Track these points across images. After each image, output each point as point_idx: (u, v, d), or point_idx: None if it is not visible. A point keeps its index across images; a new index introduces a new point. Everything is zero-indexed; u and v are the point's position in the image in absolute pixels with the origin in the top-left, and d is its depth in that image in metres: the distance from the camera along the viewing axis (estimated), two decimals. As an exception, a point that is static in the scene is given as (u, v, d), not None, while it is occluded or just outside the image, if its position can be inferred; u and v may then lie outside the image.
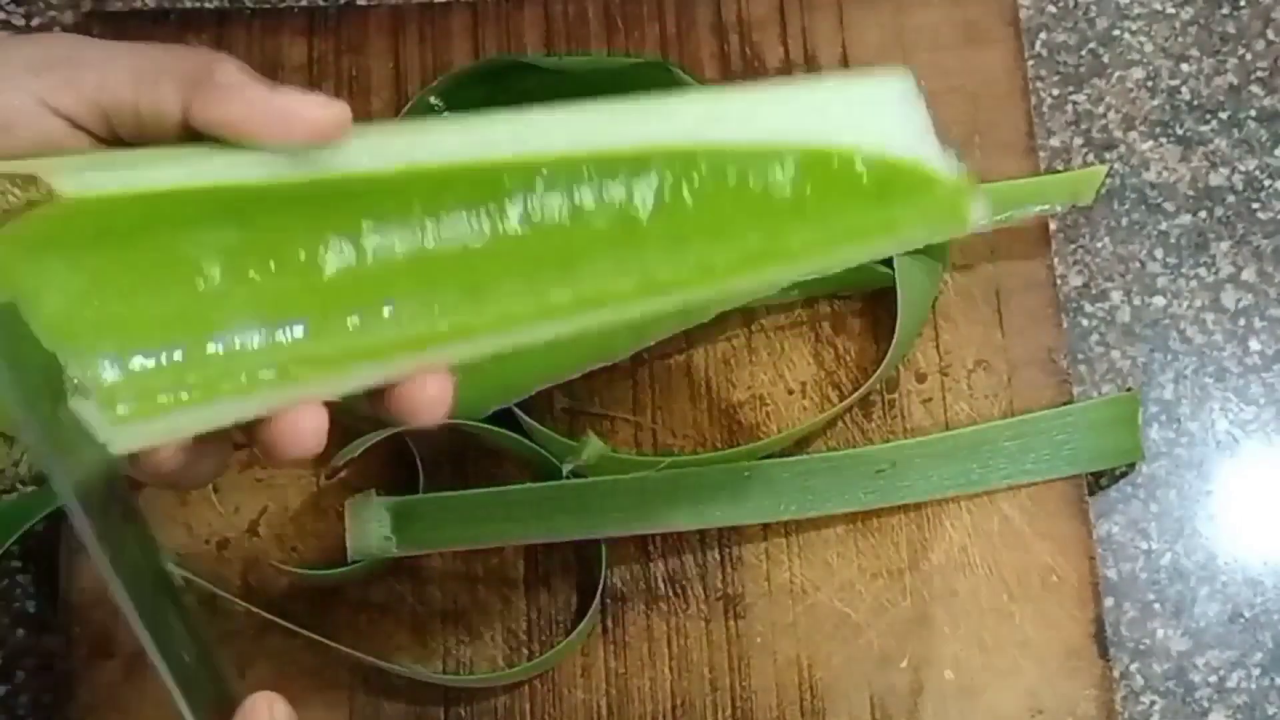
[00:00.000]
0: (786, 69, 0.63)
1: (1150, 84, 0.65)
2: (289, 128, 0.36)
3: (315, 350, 0.37)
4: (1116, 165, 0.64)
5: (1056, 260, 0.62)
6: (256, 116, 0.35)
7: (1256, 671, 0.58)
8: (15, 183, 0.35)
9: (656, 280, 0.40)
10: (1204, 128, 0.64)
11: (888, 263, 0.58)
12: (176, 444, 0.37)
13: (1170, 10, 0.65)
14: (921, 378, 0.60)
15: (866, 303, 0.60)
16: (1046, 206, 0.59)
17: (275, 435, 0.37)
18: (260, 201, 0.37)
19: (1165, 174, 0.64)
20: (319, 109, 0.36)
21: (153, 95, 0.36)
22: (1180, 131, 0.64)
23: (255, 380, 0.36)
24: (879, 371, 0.58)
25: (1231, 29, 0.65)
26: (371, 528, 0.56)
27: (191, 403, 0.36)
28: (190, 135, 0.37)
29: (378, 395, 0.38)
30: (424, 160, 0.38)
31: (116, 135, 0.37)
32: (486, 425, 0.56)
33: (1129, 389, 0.61)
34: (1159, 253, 0.63)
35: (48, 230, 0.35)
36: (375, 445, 0.56)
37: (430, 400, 0.39)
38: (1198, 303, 0.62)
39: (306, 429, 0.37)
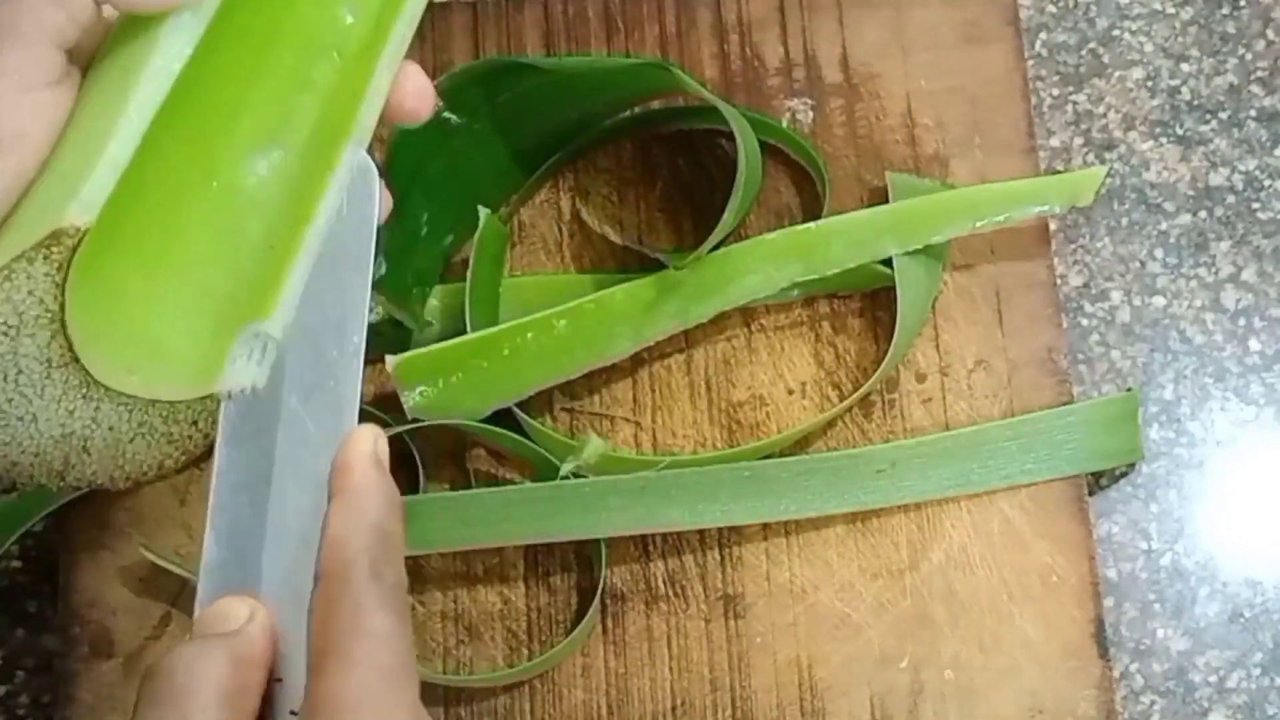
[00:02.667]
0: (786, 69, 0.63)
1: (1150, 84, 0.65)
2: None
3: None
4: (1116, 165, 0.64)
5: (1057, 260, 0.62)
6: None
7: (1256, 671, 0.58)
8: (53, 247, 0.38)
9: None
10: (1204, 128, 0.64)
11: (887, 262, 0.58)
12: None
13: (1170, 10, 0.65)
14: (921, 378, 0.60)
15: (866, 302, 0.60)
16: (1045, 207, 0.59)
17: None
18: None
19: (1165, 174, 0.64)
20: None
21: None
22: (1180, 131, 0.64)
23: None
24: (879, 372, 0.58)
25: (1231, 29, 0.65)
26: (371, 528, 0.56)
27: None
28: None
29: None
30: None
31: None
32: (486, 425, 0.56)
33: (1129, 389, 0.61)
34: (1159, 253, 0.63)
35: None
36: (375, 445, 0.56)
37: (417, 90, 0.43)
38: (1198, 303, 0.62)
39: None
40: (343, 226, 0.41)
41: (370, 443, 0.39)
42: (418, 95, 0.43)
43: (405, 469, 0.58)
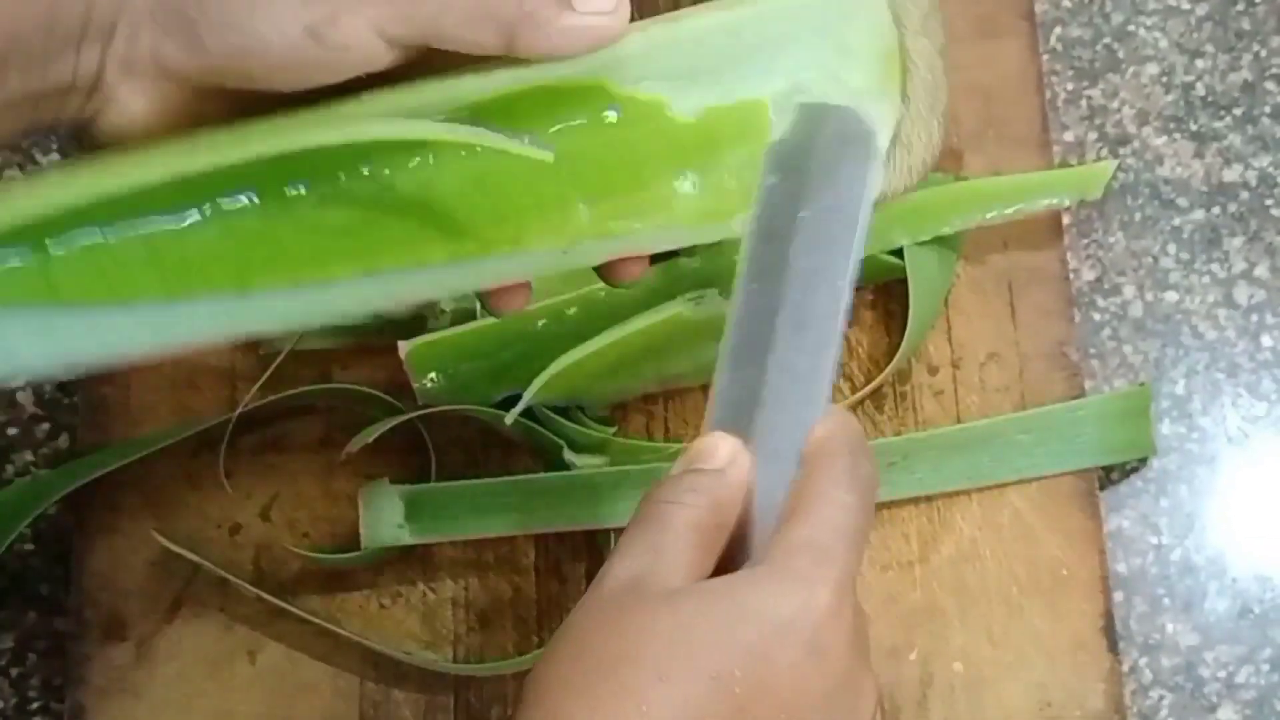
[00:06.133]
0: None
1: (1165, 79, 0.65)
2: (590, 40, 0.41)
3: None
4: (1130, 160, 0.64)
5: (1069, 254, 0.62)
6: (568, 43, 0.41)
7: (1265, 667, 0.58)
8: None
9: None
10: (1218, 124, 0.64)
11: (900, 254, 0.58)
12: None
13: (1185, 6, 0.65)
14: (933, 370, 0.60)
15: (879, 295, 0.60)
16: (1054, 200, 0.59)
17: None
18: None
19: (1179, 169, 0.64)
20: (608, 17, 0.41)
21: (477, 35, 0.40)
22: (1194, 127, 0.64)
23: None
24: (892, 364, 0.58)
25: (1246, 25, 0.65)
26: (385, 515, 0.56)
27: None
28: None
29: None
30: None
31: (420, 54, 0.41)
32: (497, 410, 0.56)
33: (1141, 383, 0.61)
34: (1172, 248, 0.63)
35: None
36: (388, 433, 0.56)
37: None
38: (1210, 298, 0.62)
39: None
40: None
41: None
42: None
43: (417, 456, 0.58)
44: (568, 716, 0.36)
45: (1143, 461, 0.60)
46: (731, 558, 0.39)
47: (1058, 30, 0.65)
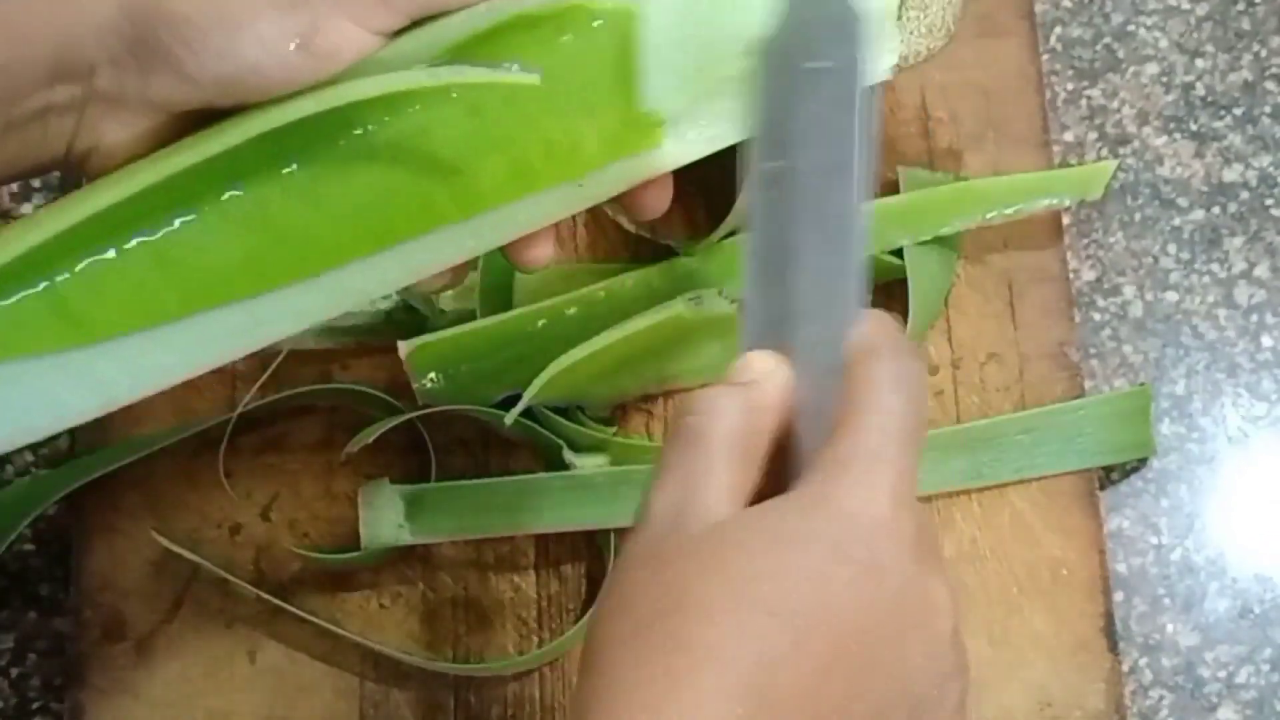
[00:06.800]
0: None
1: (1165, 79, 0.65)
2: None
3: None
4: (1130, 160, 0.64)
5: (1069, 254, 0.62)
6: None
7: (1266, 667, 0.58)
8: None
9: None
10: (1218, 123, 0.64)
11: (899, 254, 0.58)
12: None
13: (1185, 6, 0.65)
14: (933, 370, 0.60)
15: (880, 295, 0.60)
16: (1054, 200, 0.59)
17: None
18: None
19: (1179, 169, 0.64)
20: None
21: None
22: (1194, 127, 0.64)
23: None
24: (891, 363, 0.58)
25: (1246, 25, 0.65)
26: (385, 515, 0.56)
27: None
28: None
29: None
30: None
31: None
32: (497, 410, 0.56)
33: (1141, 384, 0.61)
34: (1172, 248, 0.63)
35: None
36: (388, 433, 0.56)
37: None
38: (1210, 298, 0.62)
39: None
40: None
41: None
42: None
43: (417, 456, 0.58)
44: (617, 674, 0.33)
45: (1143, 461, 0.60)
46: (780, 481, 0.37)
47: (1058, 30, 0.65)
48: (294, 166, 0.41)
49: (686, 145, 0.44)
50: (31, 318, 0.39)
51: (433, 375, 0.56)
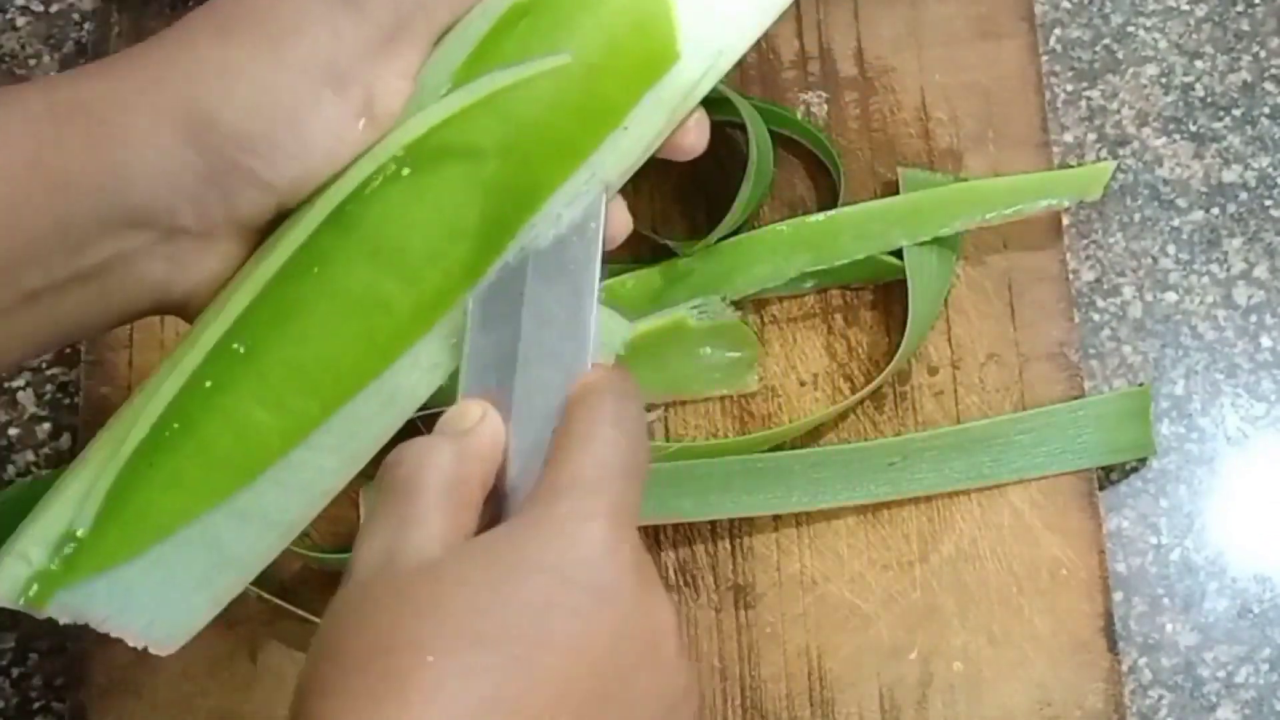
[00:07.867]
0: (801, 62, 0.63)
1: (1164, 80, 0.65)
2: None
3: None
4: (1130, 161, 0.64)
5: (1069, 255, 0.62)
6: None
7: (1265, 667, 0.58)
8: None
9: None
10: (1217, 124, 0.64)
11: (900, 255, 0.58)
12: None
13: (1185, 7, 0.66)
14: (933, 371, 0.60)
15: (879, 295, 0.60)
16: (1054, 201, 0.59)
17: None
18: None
19: (1178, 170, 0.64)
20: None
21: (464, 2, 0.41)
22: (1193, 128, 0.64)
23: None
24: (891, 365, 0.58)
25: (1245, 26, 0.65)
26: (384, 514, 0.56)
27: None
28: None
29: None
30: None
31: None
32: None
33: (1140, 384, 0.61)
34: (1171, 249, 0.63)
35: None
36: (388, 432, 0.56)
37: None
38: (1209, 299, 0.62)
39: None
40: None
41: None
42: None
43: (418, 456, 0.58)
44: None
45: (1142, 462, 0.60)
46: (497, 521, 0.37)
47: (1057, 31, 0.65)
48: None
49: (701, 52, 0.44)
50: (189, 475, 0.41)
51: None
